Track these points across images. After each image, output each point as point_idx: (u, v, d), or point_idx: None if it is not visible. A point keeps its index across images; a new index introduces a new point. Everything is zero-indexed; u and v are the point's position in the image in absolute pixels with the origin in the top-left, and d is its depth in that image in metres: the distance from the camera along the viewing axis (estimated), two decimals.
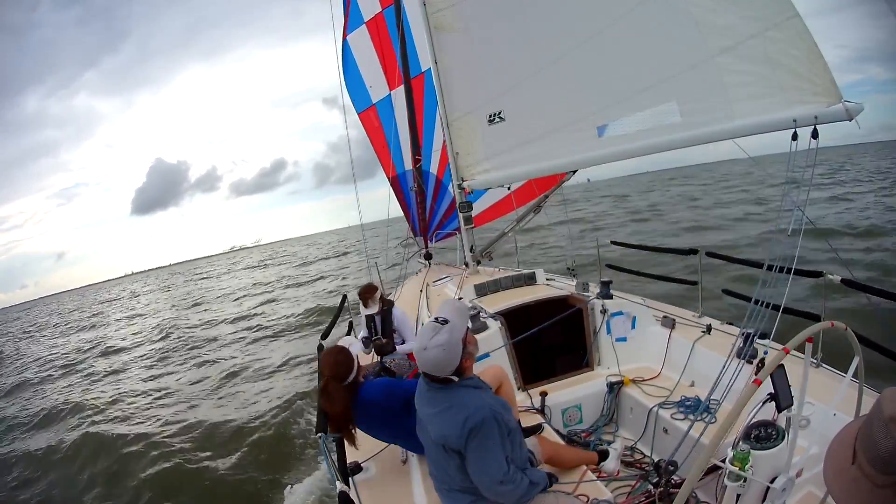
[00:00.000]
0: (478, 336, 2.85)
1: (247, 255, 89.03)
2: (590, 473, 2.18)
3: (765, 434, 1.52)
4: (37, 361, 15.54)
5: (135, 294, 43.85)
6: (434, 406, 1.78)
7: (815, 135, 2.46)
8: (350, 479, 2.22)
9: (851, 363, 1.52)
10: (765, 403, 1.52)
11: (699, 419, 2.40)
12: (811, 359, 1.53)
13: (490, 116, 4.05)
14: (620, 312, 3.28)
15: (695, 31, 2.87)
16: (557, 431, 2.70)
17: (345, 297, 5.02)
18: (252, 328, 12.79)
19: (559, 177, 4.48)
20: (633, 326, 3.29)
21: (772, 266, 2.39)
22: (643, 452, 2.71)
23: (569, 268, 4.65)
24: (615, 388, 2.99)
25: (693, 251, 3.44)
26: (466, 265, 4.92)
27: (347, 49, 6.82)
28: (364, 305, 3.64)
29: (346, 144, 6.06)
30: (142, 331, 17.05)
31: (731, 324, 3.11)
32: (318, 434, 2.25)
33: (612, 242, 4.74)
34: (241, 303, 18.76)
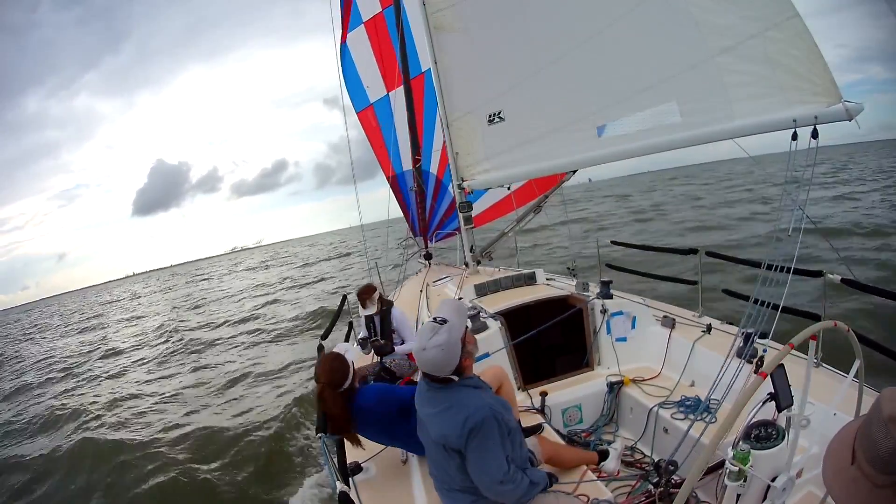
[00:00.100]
0: (478, 336, 2.85)
1: (248, 256, 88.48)
2: (590, 473, 2.18)
3: (765, 434, 1.52)
4: (37, 364, 15.43)
5: (136, 295, 43.60)
6: (434, 406, 1.78)
7: (815, 135, 2.46)
8: (350, 479, 2.22)
9: (853, 365, 1.52)
10: (765, 403, 1.52)
11: (699, 419, 2.40)
12: (811, 358, 1.53)
13: (490, 116, 4.05)
14: (620, 312, 3.28)
15: (695, 31, 2.86)
16: (557, 431, 2.70)
17: (345, 298, 5.01)
18: (254, 331, 12.67)
19: (559, 177, 4.48)
20: (633, 326, 3.29)
21: (771, 265, 2.39)
22: (643, 452, 2.71)
23: (569, 268, 4.65)
24: (615, 388, 2.99)
25: (693, 251, 3.43)
26: (466, 265, 4.92)
27: (346, 49, 6.84)
28: (362, 306, 3.63)
29: (347, 145, 6.07)
30: (142, 333, 16.93)
31: (732, 323, 3.11)
32: (319, 434, 2.25)
33: (613, 242, 4.74)
34: (243, 304, 18.65)
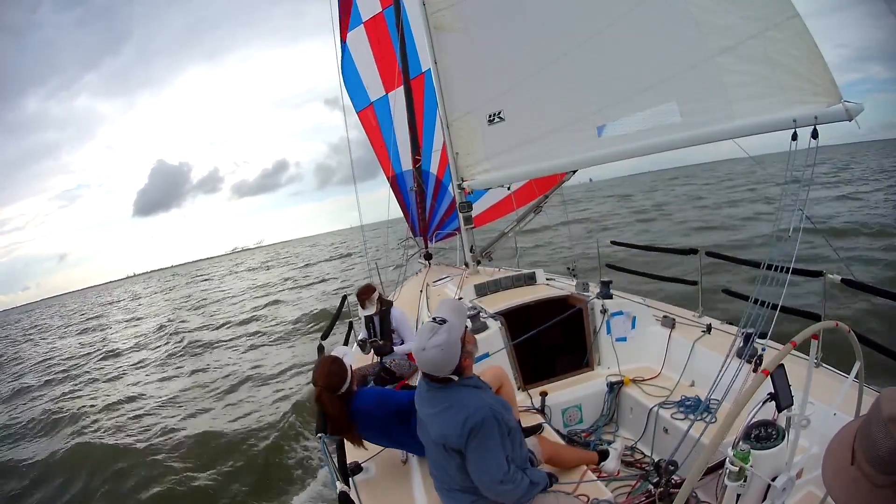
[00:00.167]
0: (478, 336, 2.85)
1: (249, 257, 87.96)
2: (590, 473, 2.18)
3: (765, 434, 1.52)
4: (36, 366, 15.32)
5: (136, 296, 43.45)
6: (434, 406, 1.78)
7: (815, 135, 2.45)
8: (350, 480, 2.22)
9: (853, 366, 1.51)
10: (765, 403, 1.52)
11: (699, 419, 2.40)
12: (813, 358, 1.53)
13: (490, 116, 4.05)
14: (620, 312, 3.28)
15: (695, 31, 2.86)
16: (557, 431, 2.70)
17: (345, 298, 5.01)
18: (254, 332, 12.57)
19: (559, 177, 4.48)
20: (633, 326, 3.29)
21: (771, 266, 2.39)
22: (643, 452, 2.71)
23: (569, 268, 4.65)
24: (615, 388, 2.99)
25: (693, 251, 3.43)
26: (466, 265, 4.92)
27: (346, 48, 6.84)
28: (361, 306, 3.63)
29: (348, 145, 6.07)
30: (142, 334, 16.82)
31: (732, 323, 3.11)
32: (319, 435, 2.25)
33: (613, 243, 4.74)
34: (244, 305, 18.55)
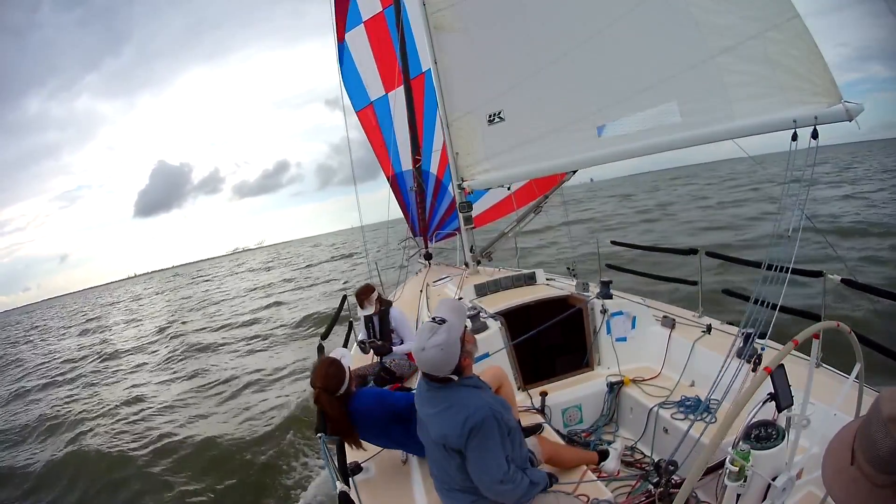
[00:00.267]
0: (478, 336, 2.84)
1: (250, 257, 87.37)
2: (590, 473, 2.18)
3: (765, 434, 1.52)
4: (35, 368, 15.20)
5: (137, 297, 43.22)
6: (434, 406, 1.78)
7: (815, 135, 2.45)
8: (350, 480, 2.22)
9: (854, 367, 1.51)
10: (765, 403, 1.52)
11: (699, 419, 2.40)
12: (814, 358, 1.53)
13: (490, 116, 4.05)
14: (620, 312, 3.28)
15: (695, 31, 2.86)
16: (557, 431, 2.70)
17: (345, 298, 5.00)
18: (255, 334, 12.45)
19: (559, 177, 4.48)
20: (633, 326, 3.29)
21: (771, 266, 2.39)
22: (643, 452, 2.71)
23: (569, 268, 4.65)
24: (615, 388, 2.99)
25: (693, 251, 3.43)
26: (466, 265, 4.92)
27: (345, 48, 6.82)
28: (360, 307, 3.63)
29: (348, 145, 6.08)
30: (142, 336, 16.68)
31: (732, 324, 3.11)
32: (318, 434, 2.25)
33: (613, 243, 4.74)
34: (245, 306, 18.44)
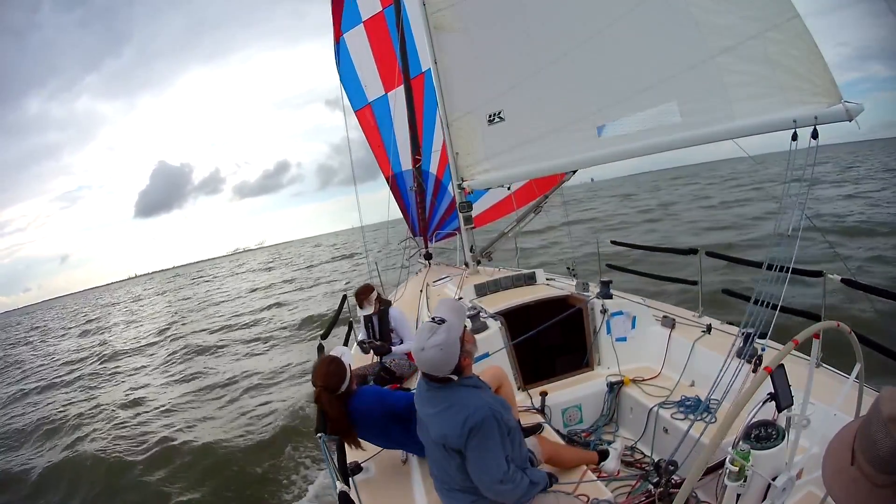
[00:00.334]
0: (478, 336, 2.85)
1: (251, 258, 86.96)
2: (590, 473, 2.18)
3: (765, 434, 1.52)
4: (34, 371, 15.08)
5: (137, 298, 43.10)
6: (434, 406, 1.78)
7: (815, 135, 2.45)
8: (350, 479, 2.22)
9: (854, 367, 1.51)
10: (765, 403, 1.52)
11: (699, 419, 2.40)
12: (814, 357, 1.53)
13: (490, 116, 4.05)
14: (620, 312, 3.28)
15: (695, 31, 2.86)
16: (557, 431, 2.70)
17: (345, 298, 5.00)
18: (256, 335, 12.36)
19: (559, 177, 4.48)
20: (633, 326, 3.29)
21: (771, 266, 2.39)
22: (643, 452, 2.71)
23: (569, 268, 4.65)
24: (615, 388, 2.99)
25: (693, 251, 3.43)
26: (466, 265, 4.92)
27: (344, 47, 6.79)
28: (360, 307, 3.63)
29: (348, 146, 6.08)
30: (142, 338, 16.57)
31: (732, 323, 3.11)
32: (318, 434, 2.25)
33: (613, 242, 4.74)
34: (246, 307, 18.38)
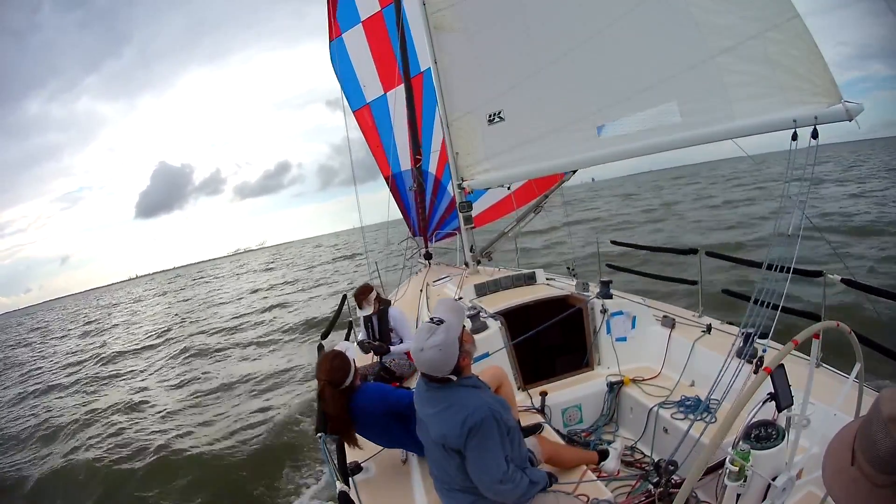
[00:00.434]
0: (478, 336, 2.84)
1: (252, 258, 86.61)
2: (590, 473, 2.18)
3: (765, 434, 1.52)
4: (31, 372, 15.02)
5: (138, 299, 42.89)
6: (433, 406, 1.78)
7: (815, 135, 2.45)
8: (350, 479, 2.22)
9: (854, 367, 1.51)
10: (765, 403, 1.52)
11: (699, 419, 2.40)
12: (814, 357, 1.53)
13: (490, 116, 4.05)
14: (620, 312, 3.28)
15: (695, 31, 2.86)
16: (557, 431, 2.70)
17: (344, 298, 5.00)
18: (257, 337, 12.29)
19: (559, 177, 4.48)
20: (633, 326, 3.29)
21: (771, 266, 2.39)
22: (643, 452, 2.71)
23: (569, 268, 4.65)
24: (615, 388, 2.99)
25: (693, 251, 3.43)
26: (466, 265, 4.92)
27: (342, 47, 6.76)
28: (359, 307, 3.61)
29: (348, 146, 6.09)
30: (143, 340, 16.48)
31: (732, 323, 3.11)
32: (318, 434, 2.25)
33: (613, 242, 4.74)
34: (247, 308, 18.31)
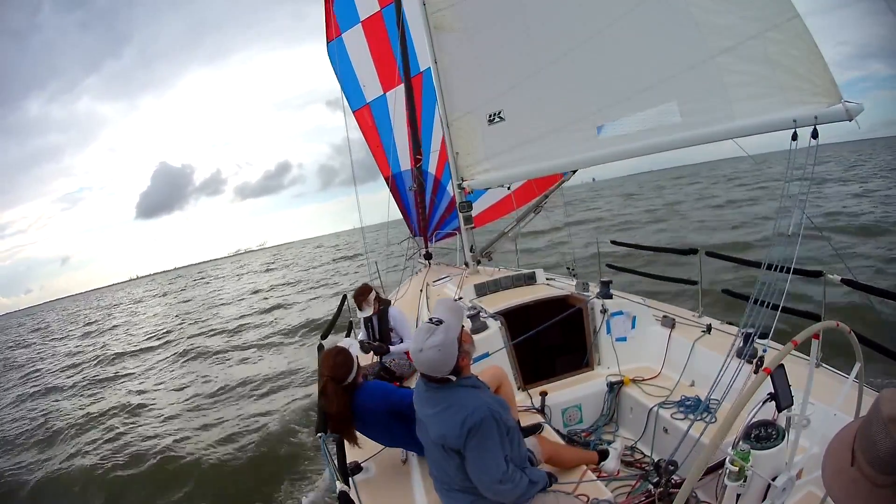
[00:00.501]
0: (478, 336, 2.85)
1: (252, 259, 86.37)
2: (590, 473, 2.18)
3: (765, 434, 1.52)
4: (32, 373, 14.95)
5: (138, 300, 42.78)
6: (433, 406, 1.78)
7: (815, 135, 2.45)
8: (350, 479, 2.22)
9: (854, 367, 1.51)
10: (765, 403, 1.52)
11: (699, 419, 2.40)
12: (814, 358, 1.53)
13: (490, 116, 4.05)
14: (620, 312, 3.28)
15: (695, 31, 2.86)
16: (557, 431, 2.70)
17: (345, 297, 5.00)
18: (258, 338, 12.23)
19: (559, 177, 4.48)
20: (633, 326, 3.29)
21: (771, 266, 2.39)
22: (643, 452, 2.71)
23: (568, 268, 4.65)
24: (615, 388, 2.99)
25: (693, 251, 3.43)
26: (466, 265, 4.92)
27: (342, 47, 6.75)
28: (359, 308, 3.58)
29: (348, 146, 6.09)
30: (143, 341, 16.38)
31: (732, 323, 3.11)
32: (319, 434, 2.25)
33: (613, 242, 4.74)
34: (248, 308, 18.24)
